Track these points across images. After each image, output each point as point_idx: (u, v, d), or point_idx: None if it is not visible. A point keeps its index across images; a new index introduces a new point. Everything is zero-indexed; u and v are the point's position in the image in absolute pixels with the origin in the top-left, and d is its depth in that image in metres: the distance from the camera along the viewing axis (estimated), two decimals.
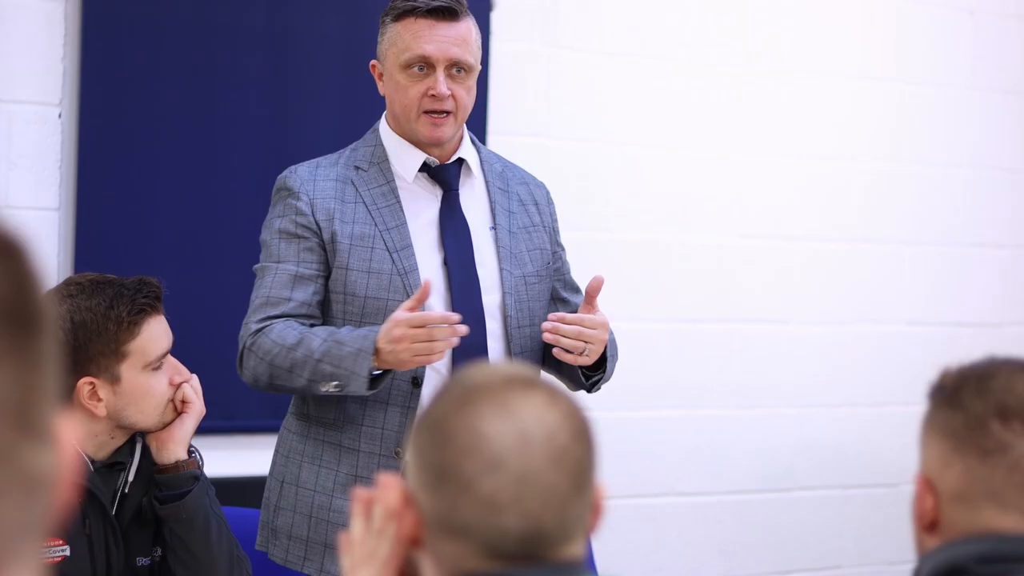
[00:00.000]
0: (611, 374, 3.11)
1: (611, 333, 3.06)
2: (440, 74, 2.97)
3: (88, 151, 3.97)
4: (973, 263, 5.38)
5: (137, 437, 2.75)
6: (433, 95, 2.96)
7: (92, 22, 3.98)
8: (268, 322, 2.94)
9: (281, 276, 2.97)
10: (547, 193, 3.29)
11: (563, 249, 3.29)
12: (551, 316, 2.94)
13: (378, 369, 2.84)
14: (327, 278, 3.00)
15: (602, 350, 2.97)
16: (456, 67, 2.98)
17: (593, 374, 3.06)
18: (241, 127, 4.15)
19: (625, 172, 4.80)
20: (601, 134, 4.76)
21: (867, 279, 5.21)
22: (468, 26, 3.02)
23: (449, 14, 2.98)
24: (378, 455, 2.96)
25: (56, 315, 0.96)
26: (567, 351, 2.91)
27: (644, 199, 4.84)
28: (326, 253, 2.99)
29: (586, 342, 2.91)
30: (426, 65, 2.97)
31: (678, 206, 4.89)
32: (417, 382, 2.95)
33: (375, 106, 3.14)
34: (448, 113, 2.99)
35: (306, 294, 2.97)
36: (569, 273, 3.29)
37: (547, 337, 2.91)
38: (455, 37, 2.98)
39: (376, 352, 2.80)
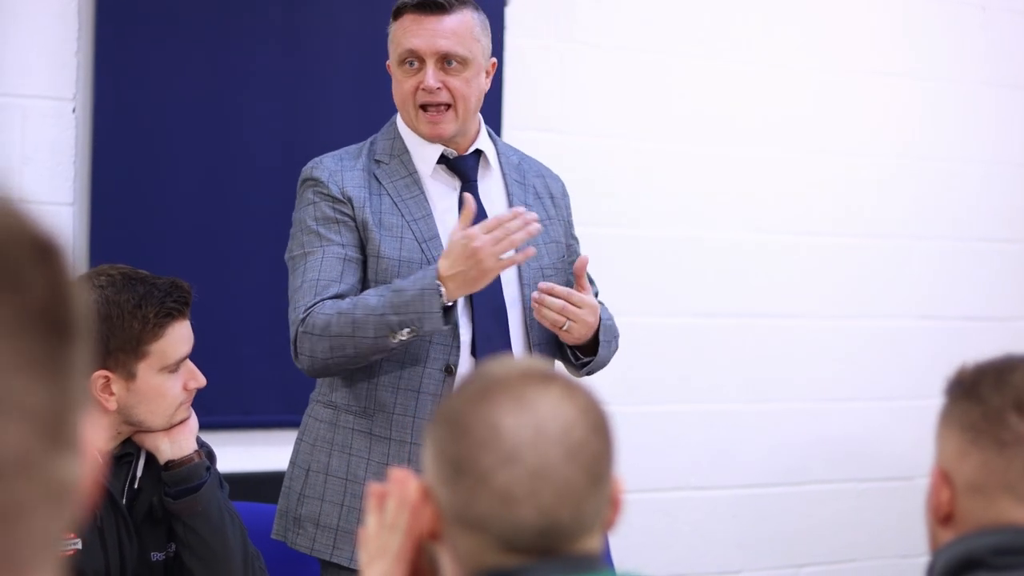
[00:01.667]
0: (605, 360, 3.14)
1: (609, 319, 3.12)
2: (429, 67, 2.98)
3: (102, 146, 3.97)
4: (983, 258, 5.38)
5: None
6: (424, 88, 2.98)
7: (105, 16, 3.98)
8: (318, 304, 2.92)
9: (329, 260, 2.96)
10: (563, 186, 3.31)
11: (577, 242, 3.30)
12: (541, 285, 2.97)
13: (447, 303, 2.83)
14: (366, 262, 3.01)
15: (588, 333, 3.01)
16: (447, 59, 2.99)
17: (584, 357, 3.09)
18: (255, 121, 4.15)
19: (638, 167, 4.80)
20: (615, 129, 4.75)
21: (879, 274, 5.21)
22: (462, 18, 3.02)
23: (436, 8, 2.99)
24: (409, 443, 2.96)
25: (90, 319, 0.94)
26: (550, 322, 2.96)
27: (657, 194, 4.83)
28: (361, 237, 3.00)
29: (569, 319, 2.95)
30: (416, 59, 2.99)
31: (691, 201, 4.89)
32: (450, 370, 2.96)
33: (390, 101, 3.15)
34: (447, 106, 3.01)
35: (355, 278, 2.97)
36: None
37: (534, 303, 2.95)
38: (443, 30, 2.99)
39: (443, 285, 2.81)
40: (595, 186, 4.66)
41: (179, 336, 2.67)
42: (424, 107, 3.01)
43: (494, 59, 3.11)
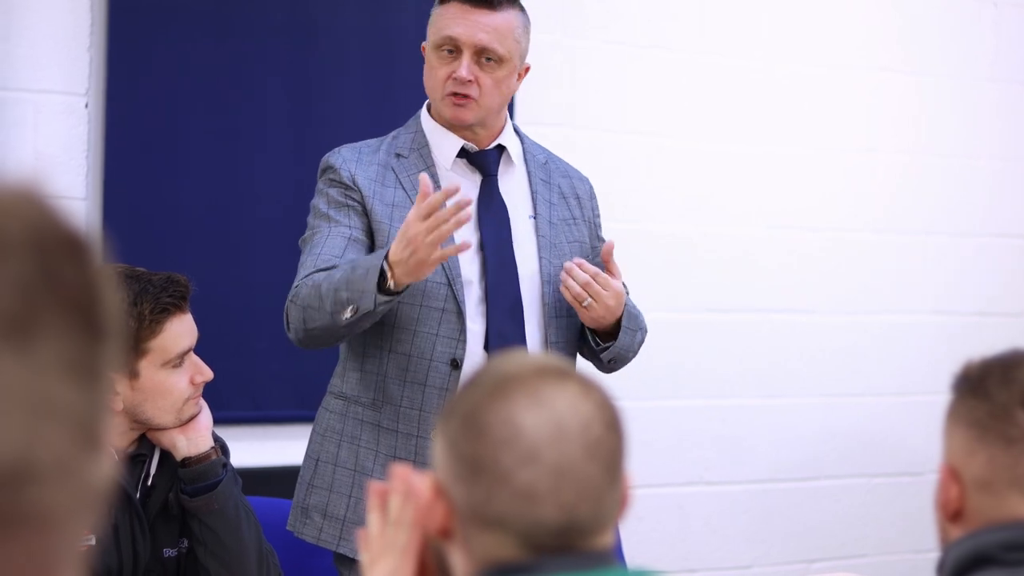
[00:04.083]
0: (628, 348, 3.10)
1: (634, 309, 3.10)
2: (465, 58, 2.98)
3: (115, 141, 3.98)
4: (997, 253, 5.37)
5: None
6: (456, 78, 2.98)
7: (118, 11, 3.99)
8: (310, 275, 2.92)
9: (334, 238, 2.97)
10: (590, 188, 3.30)
11: (603, 244, 3.30)
12: (575, 260, 2.97)
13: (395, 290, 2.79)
14: (372, 248, 3.00)
15: (610, 318, 3.00)
16: (484, 55, 2.99)
17: (604, 343, 3.06)
18: (267, 116, 4.16)
19: (650, 163, 4.80)
20: (625, 125, 4.75)
21: (891, 269, 5.21)
22: (508, 18, 3.02)
23: (485, 3, 3.00)
24: (415, 436, 2.96)
25: (119, 317, 0.94)
26: (572, 297, 2.95)
27: (668, 190, 4.84)
28: (370, 226, 3.00)
29: (590, 295, 2.94)
30: (454, 48, 2.99)
31: (703, 197, 4.89)
32: (456, 364, 2.95)
33: (399, 97, 3.16)
34: (471, 99, 3.00)
35: (358, 255, 2.95)
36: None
37: (563, 273, 2.95)
38: (487, 24, 2.99)
39: (391, 269, 2.76)
40: (605, 181, 4.63)
41: (178, 331, 2.65)
42: (450, 93, 3.01)
43: (529, 63, 3.11)
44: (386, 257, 2.77)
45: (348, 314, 2.81)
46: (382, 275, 2.77)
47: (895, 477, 5.21)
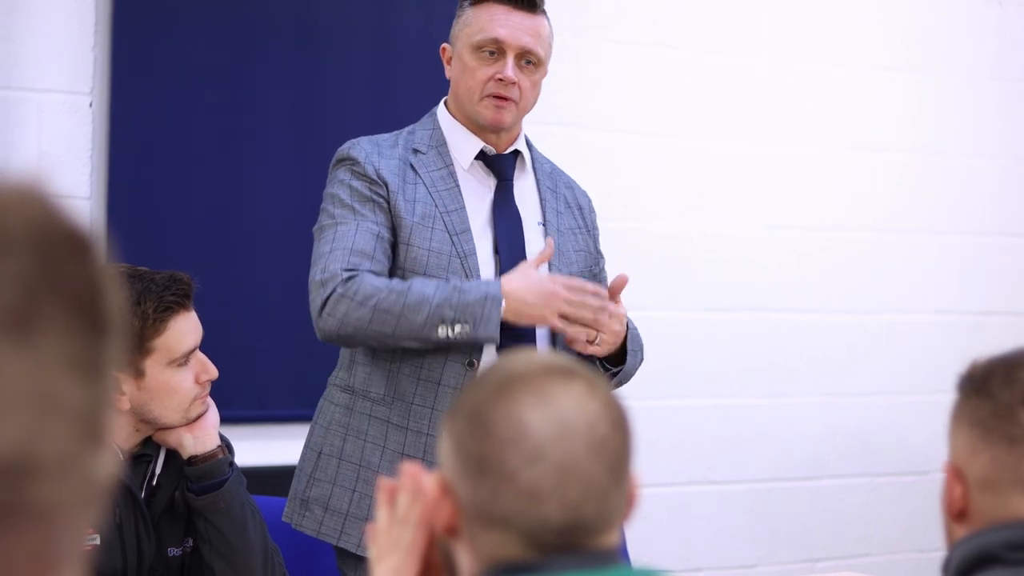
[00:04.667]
0: (632, 369, 3.10)
1: (635, 329, 3.09)
2: (510, 59, 3.00)
3: (119, 140, 3.99)
4: (999, 252, 5.38)
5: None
6: (500, 79, 2.99)
7: (122, 11, 3.99)
8: (357, 271, 2.88)
9: (364, 233, 2.93)
10: (590, 201, 3.31)
11: (602, 257, 3.30)
12: (573, 283, 2.93)
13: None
14: (394, 247, 2.98)
15: (617, 343, 2.97)
16: (526, 58, 3.02)
17: (612, 367, 3.05)
18: (271, 115, 4.16)
19: (654, 162, 4.80)
20: (630, 124, 4.76)
21: (894, 269, 5.21)
22: (544, 22, 3.06)
23: (527, 4, 3.02)
24: (426, 434, 2.94)
25: (122, 314, 0.94)
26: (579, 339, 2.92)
27: (672, 189, 4.84)
28: (393, 223, 2.98)
29: (598, 331, 2.91)
30: (497, 50, 3.00)
31: (706, 196, 4.90)
32: (472, 364, 2.94)
33: (401, 98, 3.15)
34: (511, 101, 3.02)
35: (388, 259, 2.95)
36: (606, 281, 3.29)
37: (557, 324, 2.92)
38: (529, 27, 3.02)
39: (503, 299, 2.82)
40: (606, 181, 4.67)
41: (183, 329, 2.65)
42: (491, 95, 3.01)
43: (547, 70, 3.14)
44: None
45: (453, 333, 2.84)
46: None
47: (898, 476, 5.21)
